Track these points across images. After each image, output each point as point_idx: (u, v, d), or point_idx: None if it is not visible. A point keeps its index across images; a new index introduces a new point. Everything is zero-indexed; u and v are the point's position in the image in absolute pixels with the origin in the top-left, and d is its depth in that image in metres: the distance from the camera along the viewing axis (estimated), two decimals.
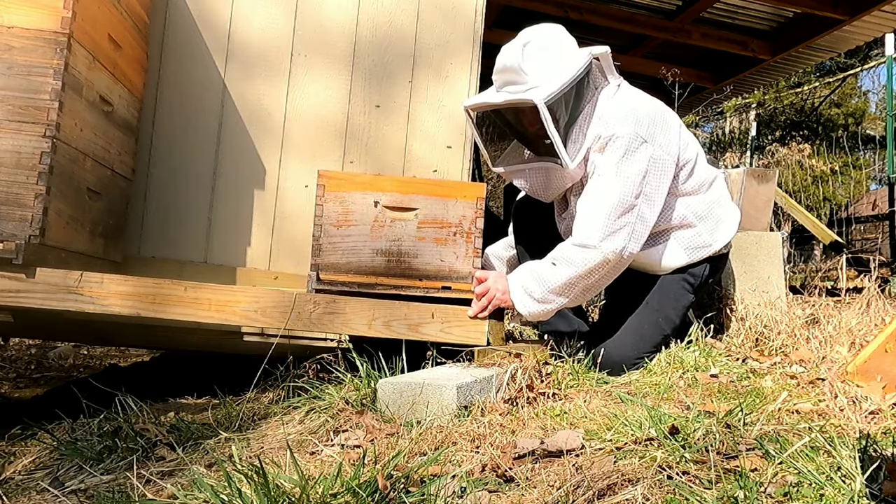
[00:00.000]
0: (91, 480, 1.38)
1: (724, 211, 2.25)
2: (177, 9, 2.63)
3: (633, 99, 2.13)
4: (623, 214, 1.98)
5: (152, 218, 2.60)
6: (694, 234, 2.18)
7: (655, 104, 2.15)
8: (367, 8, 2.71)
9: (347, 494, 1.10)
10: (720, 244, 2.22)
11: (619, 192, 1.98)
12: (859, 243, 7.22)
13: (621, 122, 2.03)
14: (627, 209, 1.99)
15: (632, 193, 1.99)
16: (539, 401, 1.67)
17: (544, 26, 2.13)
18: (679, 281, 2.20)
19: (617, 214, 1.98)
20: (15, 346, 3.80)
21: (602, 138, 2.03)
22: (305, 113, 2.67)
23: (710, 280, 2.32)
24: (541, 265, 2.04)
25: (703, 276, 2.24)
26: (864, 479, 1.12)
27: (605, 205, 1.98)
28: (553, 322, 2.37)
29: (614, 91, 2.13)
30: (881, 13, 5.15)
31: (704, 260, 2.21)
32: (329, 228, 2.03)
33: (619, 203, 1.98)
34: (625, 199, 1.98)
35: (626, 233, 1.99)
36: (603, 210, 1.98)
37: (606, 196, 1.99)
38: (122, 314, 1.90)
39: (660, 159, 2.04)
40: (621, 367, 2.06)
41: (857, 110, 13.82)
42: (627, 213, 1.99)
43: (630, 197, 1.99)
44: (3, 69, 1.90)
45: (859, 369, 1.74)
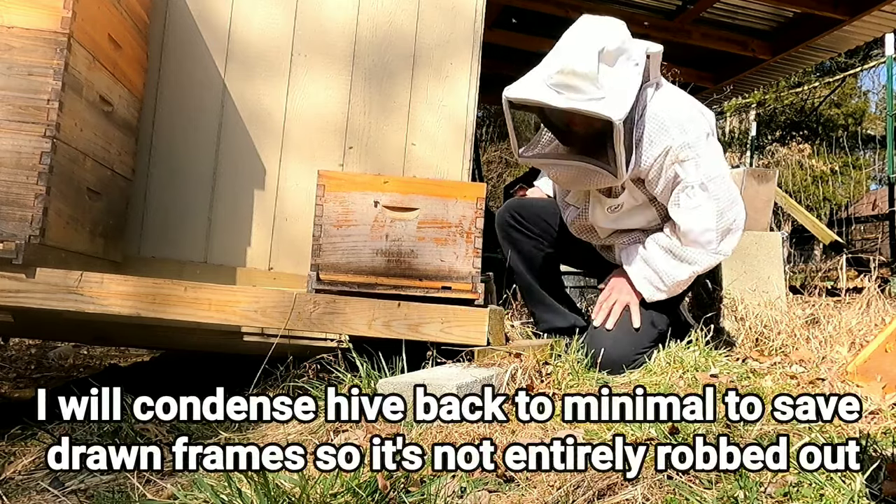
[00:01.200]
0: (91, 480, 1.38)
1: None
2: (177, 9, 2.63)
3: (677, 96, 2.17)
4: (726, 213, 2.08)
5: (152, 218, 2.60)
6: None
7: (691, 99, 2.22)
8: (367, 8, 2.70)
9: (347, 494, 1.10)
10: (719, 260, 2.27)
11: (715, 195, 2.06)
12: (859, 243, 7.22)
13: (684, 128, 2.04)
14: (728, 206, 2.08)
15: (725, 190, 2.09)
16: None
17: (611, 24, 1.99)
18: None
19: (723, 217, 2.08)
20: (15, 346, 3.80)
21: (674, 149, 2.02)
22: (305, 113, 2.67)
23: (702, 275, 2.34)
24: (655, 258, 2.14)
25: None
26: (864, 479, 1.12)
27: (710, 213, 2.07)
28: (550, 319, 2.37)
29: (655, 90, 2.09)
30: (881, 13, 5.15)
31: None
32: (329, 228, 2.03)
33: (718, 207, 2.07)
34: (721, 200, 2.07)
35: (734, 226, 2.11)
36: (711, 218, 2.07)
37: (707, 205, 2.06)
38: (122, 314, 1.90)
39: (720, 148, 2.16)
40: (621, 366, 2.07)
41: (857, 110, 13.81)
42: (729, 211, 2.09)
43: (725, 194, 2.08)
44: (3, 69, 1.90)
45: (859, 369, 1.74)
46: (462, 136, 2.71)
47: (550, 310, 2.38)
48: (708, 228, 2.07)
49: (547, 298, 2.39)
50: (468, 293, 2.04)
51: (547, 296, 2.39)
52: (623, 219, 2.19)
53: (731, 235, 2.12)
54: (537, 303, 2.42)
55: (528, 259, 2.40)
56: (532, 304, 2.45)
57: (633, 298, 2.15)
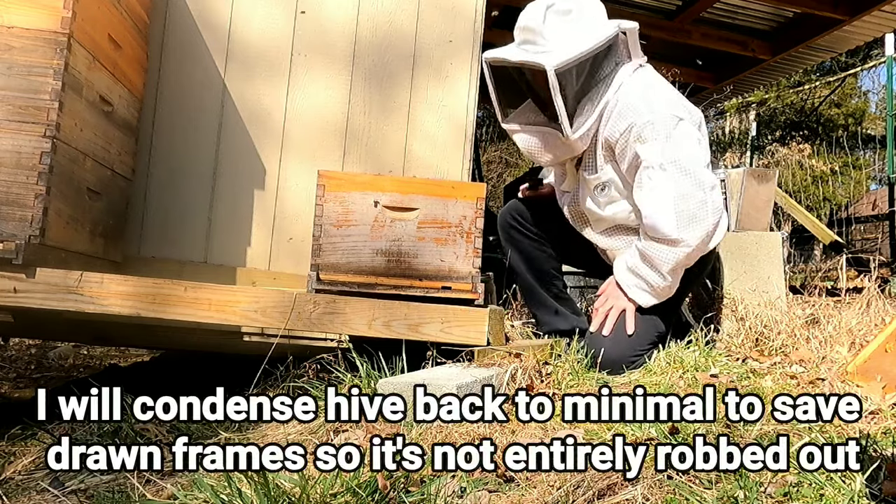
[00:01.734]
0: (91, 480, 1.38)
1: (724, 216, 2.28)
2: (177, 9, 2.63)
3: (657, 80, 2.12)
4: (688, 198, 1.97)
5: (152, 218, 2.60)
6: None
7: (677, 92, 2.17)
8: (367, 8, 2.70)
9: (347, 494, 1.10)
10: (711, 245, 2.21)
11: (674, 177, 1.97)
12: (859, 243, 7.22)
13: (653, 107, 2.00)
14: (691, 191, 1.97)
15: (689, 174, 1.97)
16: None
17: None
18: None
19: (684, 200, 1.97)
20: (15, 346, 3.80)
21: (638, 126, 2.00)
22: (305, 113, 2.67)
23: (699, 275, 2.33)
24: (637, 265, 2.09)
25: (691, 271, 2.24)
26: (864, 479, 1.12)
27: (668, 194, 1.97)
28: (551, 322, 2.37)
29: (634, 69, 2.09)
30: (881, 13, 5.15)
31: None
32: (329, 228, 2.03)
33: (678, 190, 1.97)
34: (682, 183, 1.97)
35: (702, 214, 1.99)
36: (668, 201, 1.97)
37: (665, 186, 1.97)
38: (122, 314, 1.90)
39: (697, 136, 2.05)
40: (621, 367, 2.07)
41: (857, 110, 13.81)
42: (691, 197, 1.97)
43: (689, 179, 1.97)
44: (3, 69, 1.90)
45: (859, 369, 1.74)
46: (462, 136, 2.71)
47: (552, 312, 2.38)
48: (664, 211, 1.97)
49: (549, 301, 2.39)
50: (468, 293, 2.04)
51: (549, 298, 2.39)
52: (614, 206, 2.16)
53: (696, 224, 1.98)
54: (539, 305, 2.42)
55: (529, 260, 2.40)
56: (533, 306, 2.45)
57: (627, 304, 2.14)
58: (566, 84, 1.97)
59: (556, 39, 1.98)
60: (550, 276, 2.41)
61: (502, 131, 11.02)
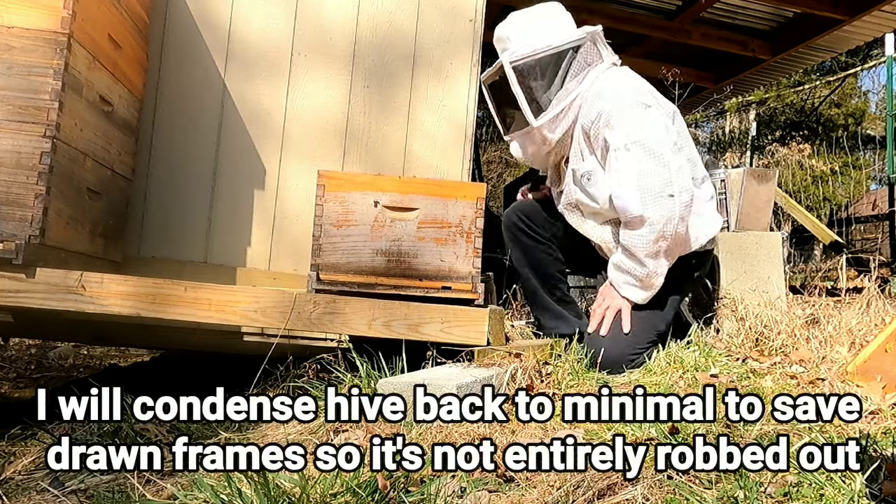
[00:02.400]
0: (91, 480, 1.38)
1: (710, 210, 2.28)
2: (177, 9, 2.63)
3: (628, 75, 2.22)
4: (650, 175, 2.02)
5: (152, 218, 2.60)
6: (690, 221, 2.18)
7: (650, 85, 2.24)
8: (367, 8, 2.70)
9: (347, 494, 1.10)
10: (702, 241, 2.23)
11: (638, 156, 2.02)
12: (859, 243, 7.21)
13: (620, 95, 2.10)
14: (654, 169, 2.02)
15: (653, 154, 2.03)
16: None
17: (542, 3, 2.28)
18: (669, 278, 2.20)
19: (646, 177, 2.02)
20: (15, 346, 3.80)
21: (606, 113, 2.08)
22: (305, 113, 2.67)
23: (697, 275, 2.33)
24: (623, 261, 2.13)
25: (692, 271, 2.26)
26: (864, 479, 1.12)
27: (631, 172, 2.02)
28: (554, 326, 2.37)
29: (607, 68, 2.21)
30: (881, 13, 5.15)
31: (693, 254, 2.23)
32: (329, 228, 2.03)
33: (640, 167, 2.02)
34: (645, 161, 2.02)
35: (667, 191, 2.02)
36: (630, 177, 2.03)
37: (628, 164, 2.03)
38: (122, 314, 1.90)
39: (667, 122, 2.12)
40: (620, 366, 2.07)
41: (857, 110, 13.81)
42: (655, 174, 2.02)
43: (652, 158, 2.02)
44: (3, 69, 1.90)
45: (859, 369, 1.74)
46: (462, 136, 2.71)
47: (555, 316, 2.38)
48: (628, 189, 2.01)
49: (552, 305, 2.39)
50: (468, 293, 2.04)
51: (552, 302, 2.39)
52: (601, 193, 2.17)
53: (661, 201, 2.00)
54: (542, 309, 2.41)
55: (534, 263, 2.40)
56: (537, 310, 2.45)
57: (623, 303, 2.16)
58: (527, 78, 2.13)
59: (518, 40, 2.17)
60: (555, 279, 2.41)
61: None
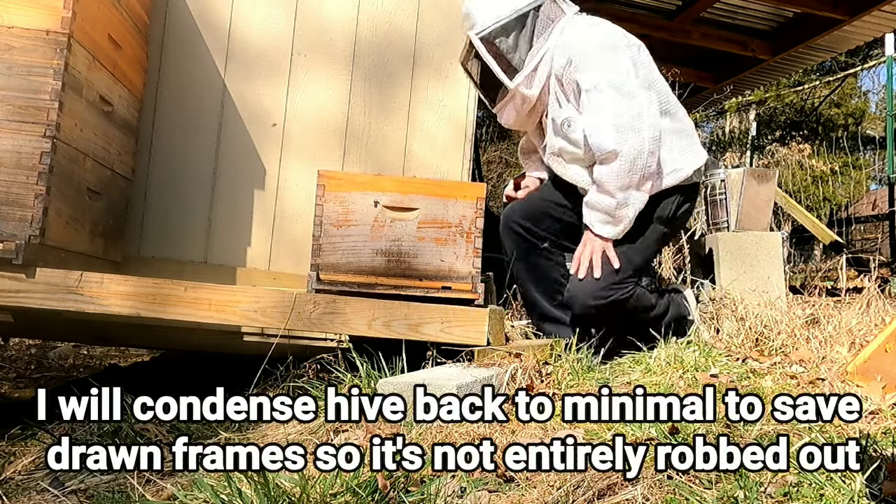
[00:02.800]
0: (91, 480, 1.38)
1: (691, 140, 2.29)
2: (177, 9, 2.63)
3: (592, 21, 2.25)
4: (622, 112, 2.05)
5: (152, 218, 2.60)
6: (664, 156, 2.19)
7: (614, 26, 2.26)
8: (367, 8, 2.70)
9: (347, 494, 1.10)
10: (689, 169, 2.23)
11: (610, 96, 2.06)
12: (859, 243, 7.22)
13: (587, 39, 2.14)
14: (625, 107, 2.05)
15: (621, 91, 2.06)
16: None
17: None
18: (648, 213, 2.20)
19: (618, 116, 2.05)
20: (15, 346, 3.80)
21: (575, 57, 2.12)
22: (305, 113, 2.67)
23: (684, 210, 2.31)
24: (595, 200, 2.14)
25: (675, 206, 2.25)
26: (864, 479, 1.12)
27: (605, 108, 2.06)
28: (555, 331, 2.36)
29: (571, 19, 2.24)
30: (881, 13, 5.15)
31: (675, 189, 2.23)
32: (329, 228, 2.03)
33: (613, 107, 2.05)
34: (617, 100, 2.05)
35: (636, 126, 2.05)
36: (604, 114, 2.06)
37: (601, 105, 2.07)
38: (122, 314, 1.90)
39: (635, 57, 2.16)
40: (587, 304, 2.14)
41: (857, 110, 13.80)
42: (626, 110, 2.05)
43: (621, 95, 2.06)
44: (3, 69, 1.90)
45: (859, 369, 1.74)
46: (462, 136, 2.71)
47: (556, 322, 2.38)
48: (601, 126, 2.06)
49: (553, 312, 2.38)
50: (468, 293, 2.04)
51: (553, 310, 2.38)
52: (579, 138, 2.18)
53: (632, 134, 2.05)
54: (543, 317, 2.41)
55: (533, 270, 2.39)
56: (536, 316, 2.44)
57: (599, 242, 2.16)
58: (496, 46, 2.17)
59: (480, 13, 2.20)
60: (557, 283, 2.38)
61: (502, 131, 11.03)
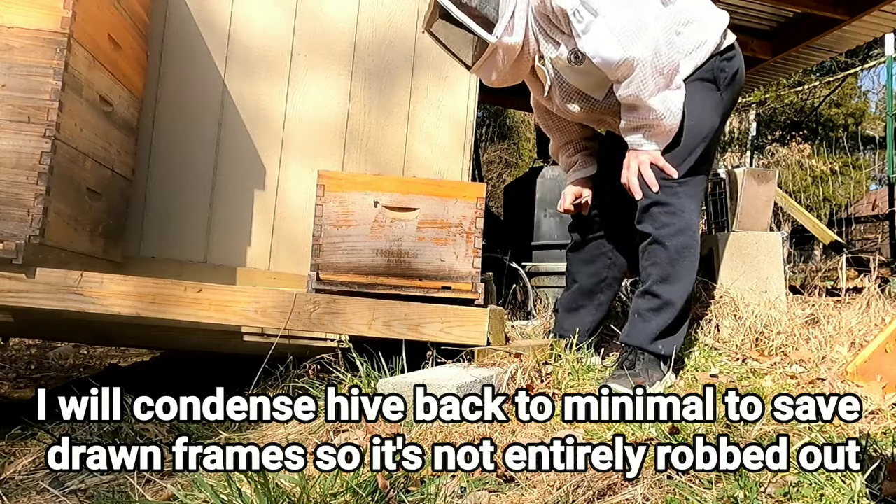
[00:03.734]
0: (91, 480, 1.38)
1: (706, 11, 2.13)
2: (177, 9, 2.63)
3: None
4: (619, 18, 1.88)
5: (152, 218, 2.60)
6: (684, 40, 2.05)
7: None
8: (367, 8, 2.71)
9: (347, 494, 1.10)
10: (716, 37, 2.08)
11: (598, 7, 1.88)
12: (859, 243, 7.22)
13: None
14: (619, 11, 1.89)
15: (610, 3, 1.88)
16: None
17: None
18: (695, 83, 2.05)
19: (617, 22, 1.88)
20: (15, 346, 3.80)
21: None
22: (305, 113, 2.67)
23: (728, 72, 2.13)
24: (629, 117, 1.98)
25: (718, 68, 2.09)
26: (864, 479, 1.12)
27: (601, 27, 1.88)
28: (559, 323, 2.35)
29: None
30: (881, 13, 5.15)
31: (711, 58, 2.07)
32: (329, 228, 2.03)
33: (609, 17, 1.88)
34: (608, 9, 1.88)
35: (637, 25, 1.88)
36: (600, 30, 1.87)
37: (594, 22, 1.89)
38: (122, 314, 1.90)
39: None
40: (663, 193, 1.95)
41: (857, 110, 13.81)
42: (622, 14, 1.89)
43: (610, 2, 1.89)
44: (3, 69, 1.90)
45: (859, 369, 1.74)
46: (462, 136, 2.71)
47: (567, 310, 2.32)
48: (604, 42, 1.88)
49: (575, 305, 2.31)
50: (468, 293, 2.04)
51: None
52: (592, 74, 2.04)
53: (640, 35, 1.89)
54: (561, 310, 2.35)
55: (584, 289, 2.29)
56: None
57: (652, 155, 1.99)
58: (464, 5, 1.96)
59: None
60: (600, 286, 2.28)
61: (502, 131, 11.03)
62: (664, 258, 1.93)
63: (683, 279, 1.93)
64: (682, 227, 1.94)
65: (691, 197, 1.99)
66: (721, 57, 2.10)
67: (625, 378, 1.79)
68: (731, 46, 2.16)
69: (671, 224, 1.93)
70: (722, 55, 2.10)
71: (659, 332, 1.90)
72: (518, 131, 11.03)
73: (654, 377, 1.84)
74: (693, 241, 1.96)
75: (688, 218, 1.96)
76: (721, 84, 2.09)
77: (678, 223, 1.94)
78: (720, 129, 2.12)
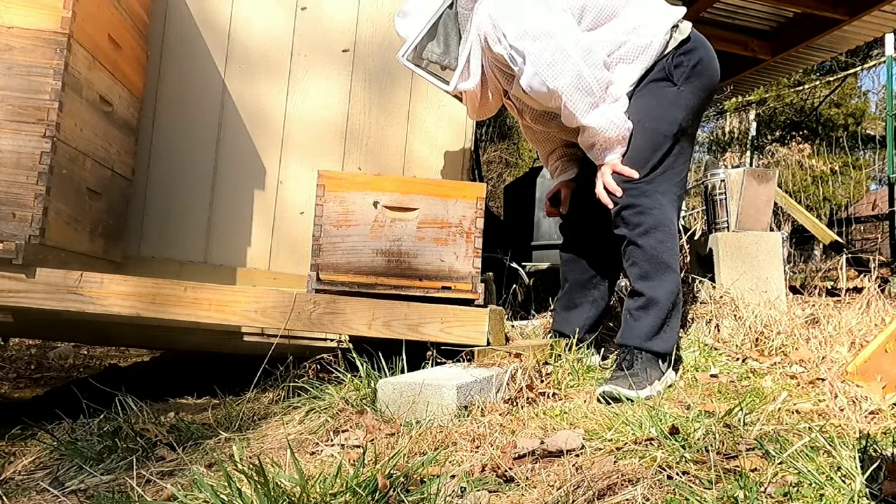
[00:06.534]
0: (91, 480, 1.38)
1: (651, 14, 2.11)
2: (177, 9, 2.63)
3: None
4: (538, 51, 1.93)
5: (152, 218, 2.60)
6: (629, 48, 2.06)
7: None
8: (367, 8, 2.70)
9: (347, 493, 1.10)
10: (661, 37, 2.07)
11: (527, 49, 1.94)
12: (859, 243, 7.22)
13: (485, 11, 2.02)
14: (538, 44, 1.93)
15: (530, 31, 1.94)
16: (539, 401, 1.67)
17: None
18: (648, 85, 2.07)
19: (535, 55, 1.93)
20: (15, 346, 3.80)
21: (488, 34, 2.01)
22: (305, 113, 2.67)
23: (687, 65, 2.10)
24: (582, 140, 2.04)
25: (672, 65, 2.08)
26: (864, 479, 1.12)
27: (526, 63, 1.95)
28: (558, 320, 2.35)
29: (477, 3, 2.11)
30: (881, 13, 5.15)
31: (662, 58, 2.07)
32: (329, 228, 2.03)
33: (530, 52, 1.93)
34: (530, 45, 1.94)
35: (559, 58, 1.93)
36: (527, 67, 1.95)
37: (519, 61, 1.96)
38: (122, 314, 1.90)
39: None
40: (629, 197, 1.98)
41: (857, 110, 13.81)
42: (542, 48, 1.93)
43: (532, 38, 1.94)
44: (3, 69, 1.90)
45: (859, 369, 1.74)
46: (462, 136, 2.71)
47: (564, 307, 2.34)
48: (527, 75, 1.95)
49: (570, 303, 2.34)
50: (468, 293, 2.04)
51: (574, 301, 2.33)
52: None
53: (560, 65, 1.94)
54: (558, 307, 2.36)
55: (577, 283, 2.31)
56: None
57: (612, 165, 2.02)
58: (428, 56, 2.13)
59: (405, 35, 2.17)
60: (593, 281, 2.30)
61: (502, 131, 11.02)
62: (640, 257, 1.96)
63: (664, 274, 1.96)
64: (653, 225, 1.97)
65: (663, 193, 2.01)
66: (676, 52, 2.09)
67: (624, 378, 1.79)
68: (687, 39, 2.13)
69: (642, 224, 1.96)
70: (677, 50, 2.09)
71: (650, 330, 1.92)
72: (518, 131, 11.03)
73: (652, 376, 1.85)
74: (667, 235, 1.98)
75: (658, 215, 1.98)
76: (678, 78, 2.08)
77: (648, 221, 1.97)
78: (690, 120, 2.11)
